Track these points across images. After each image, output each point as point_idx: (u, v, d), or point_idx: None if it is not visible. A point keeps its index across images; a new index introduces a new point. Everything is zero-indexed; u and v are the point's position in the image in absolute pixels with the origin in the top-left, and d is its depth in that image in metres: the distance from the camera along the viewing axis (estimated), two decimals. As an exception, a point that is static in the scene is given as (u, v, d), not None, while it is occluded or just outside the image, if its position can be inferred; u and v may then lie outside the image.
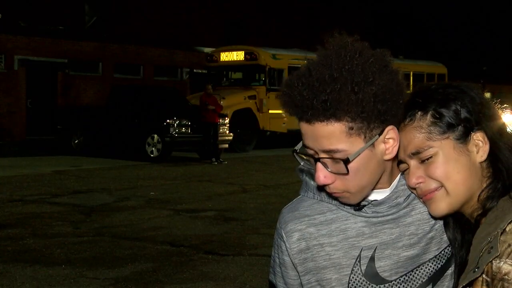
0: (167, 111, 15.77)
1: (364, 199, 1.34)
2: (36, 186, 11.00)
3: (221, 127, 16.11)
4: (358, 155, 1.24)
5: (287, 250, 1.41)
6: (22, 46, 21.68)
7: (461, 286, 1.21)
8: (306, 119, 1.24)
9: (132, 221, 8.09)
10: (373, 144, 1.26)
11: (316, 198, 1.41)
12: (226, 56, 20.46)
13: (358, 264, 1.36)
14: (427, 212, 1.36)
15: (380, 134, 1.26)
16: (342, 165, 1.24)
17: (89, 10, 24.79)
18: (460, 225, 1.34)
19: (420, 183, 1.28)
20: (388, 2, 36.14)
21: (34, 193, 10.19)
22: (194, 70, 25.99)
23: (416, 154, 1.28)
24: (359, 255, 1.36)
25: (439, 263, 1.37)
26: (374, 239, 1.36)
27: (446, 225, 1.36)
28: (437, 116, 1.27)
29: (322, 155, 1.25)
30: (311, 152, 1.27)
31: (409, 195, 1.36)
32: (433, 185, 1.27)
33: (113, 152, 16.43)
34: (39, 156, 16.39)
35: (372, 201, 1.35)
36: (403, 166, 1.32)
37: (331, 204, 1.39)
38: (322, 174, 1.26)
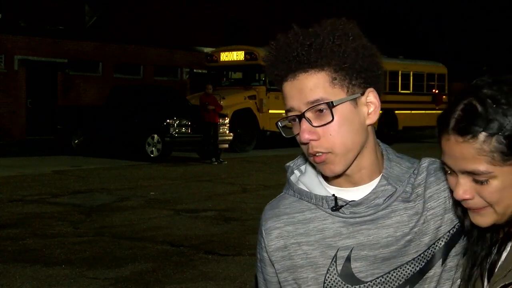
0: (167, 111, 15.77)
1: (340, 175, 1.32)
2: (36, 186, 11.00)
3: (221, 127, 16.11)
4: (343, 102, 1.27)
5: (265, 247, 1.42)
6: (22, 46, 21.69)
7: (501, 284, 1.18)
8: (291, 72, 1.27)
9: (132, 221, 8.09)
10: (356, 103, 1.29)
11: (296, 196, 1.40)
12: (226, 56, 20.46)
13: (334, 264, 1.35)
14: (407, 215, 1.35)
15: (362, 94, 1.30)
16: (326, 114, 1.26)
17: (89, 10, 24.79)
18: None
19: (468, 199, 1.20)
20: (388, 2, 36.14)
21: (34, 193, 10.19)
22: (194, 70, 26.01)
23: (470, 174, 1.18)
24: (336, 255, 1.35)
25: (417, 266, 1.35)
26: (351, 239, 1.35)
27: (464, 214, 1.32)
28: (504, 142, 1.14)
29: (306, 108, 1.26)
30: (295, 113, 1.29)
31: (389, 196, 1.35)
32: (482, 204, 1.20)
33: (113, 152, 16.43)
34: (39, 156, 16.39)
35: (350, 201, 1.34)
36: (445, 166, 1.24)
37: (311, 203, 1.38)
38: (307, 129, 1.27)
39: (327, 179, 1.37)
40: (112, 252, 6.50)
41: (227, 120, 16.84)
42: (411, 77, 24.06)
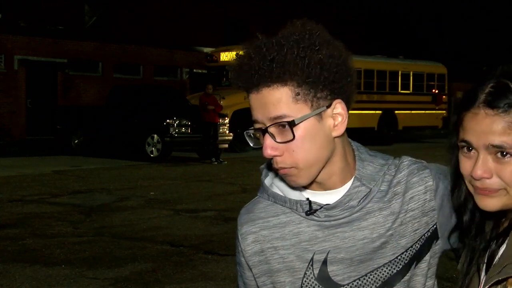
0: (167, 111, 15.77)
1: (312, 182, 1.31)
2: (36, 186, 11.00)
3: (221, 127, 16.10)
4: (304, 119, 1.24)
5: (242, 251, 1.42)
6: (22, 46, 21.69)
7: (495, 280, 1.19)
8: (254, 86, 1.25)
9: (132, 221, 8.09)
10: (321, 116, 1.26)
11: (271, 200, 1.39)
12: (226, 56, 20.46)
13: (311, 267, 1.35)
14: (382, 216, 1.34)
15: (328, 107, 1.26)
16: (288, 131, 1.23)
17: (89, 10, 24.79)
18: (483, 213, 1.30)
19: (486, 178, 1.20)
20: (388, 2, 36.15)
21: (34, 193, 10.19)
22: (194, 70, 26.00)
23: (497, 147, 1.18)
24: (312, 259, 1.35)
25: (394, 268, 1.34)
26: (327, 243, 1.34)
27: (463, 209, 1.32)
28: None
29: (270, 123, 1.25)
30: (259, 126, 1.27)
31: (363, 198, 1.33)
32: (497, 185, 1.20)
33: (113, 152, 16.43)
34: (39, 156, 16.39)
35: (324, 205, 1.33)
36: (463, 144, 1.23)
37: (285, 206, 1.37)
38: (270, 145, 1.25)
39: None
40: (112, 252, 6.50)
41: (227, 120, 16.84)
42: (411, 77, 24.05)
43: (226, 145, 16.52)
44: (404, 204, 1.35)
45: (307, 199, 1.34)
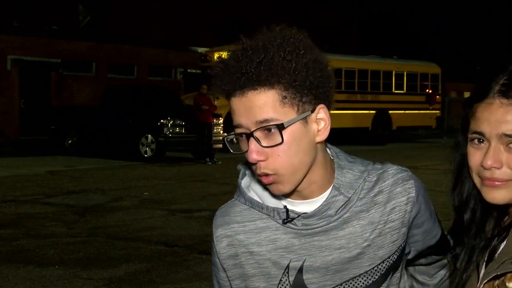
0: (161, 111, 15.75)
1: (294, 190, 1.30)
2: (29, 186, 10.97)
3: (215, 127, 16.10)
4: (293, 123, 1.23)
5: (217, 253, 1.41)
6: (15, 46, 21.63)
7: (493, 275, 1.19)
8: (240, 89, 1.23)
9: (126, 221, 8.08)
10: (306, 121, 1.26)
11: (247, 204, 1.38)
12: (220, 56, 20.44)
13: (287, 275, 1.34)
14: (360, 225, 1.33)
15: (312, 112, 1.26)
16: (276, 135, 1.22)
17: (83, 10, 24.74)
18: (484, 214, 1.31)
19: (496, 168, 1.21)
20: (382, 2, 36.22)
21: (27, 194, 10.16)
22: (188, 70, 25.98)
23: (510, 137, 1.20)
24: (288, 266, 1.34)
25: (370, 279, 1.34)
26: (304, 251, 1.34)
27: (464, 208, 1.32)
28: None
29: (255, 127, 1.22)
30: (243, 130, 1.25)
31: (341, 207, 1.32)
32: (507, 176, 1.21)
33: (107, 152, 16.40)
34: (33, 156, 16.34)
35: (302, 213, 1.32)
36: (474, 136, 1.24)
37: (262, 212, 1.36)
38: (256, 150, 1.23)
39: None
40: (106, 252, 6.49)
41: (221, 120, 16.83)
42: (405, 77, 24.10)
43: (221, 145, 16.49)
44: (384, 214, 1.34)
45: (285, 207, 1.33)
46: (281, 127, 1.22)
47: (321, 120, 1.28)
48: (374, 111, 22.56)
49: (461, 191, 1.32)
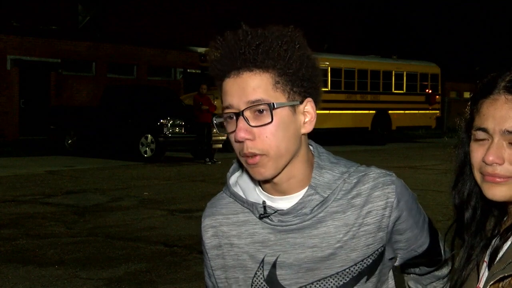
0: (161, 111, 15.75)
1: (274, 182, 1.32)
2: (29, 186, 10.97)
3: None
4: (283, 106, 1.27)
5: (204, 243, 1.47)
6: (15, 46, 21.63)
7: (499, 276, 1.19)
8: (236, 69, 1.27)
9: (126, 221, 8.08)
10: (294, 110, 1.30)
11: (232, 198, 1.43)
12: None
13: (261, 269, 1.37)
14: (334, 226, 1.34)
15: (301, 103, 1.31)
16: (265, 116, 1.26)
17: (83, 9, 24.73)
18: (484, 212, 1.31)
19: (497, 164, 1.21)
20: (382, 2, 36.22)
21: (27, 193, 10.16)
22: (188, 70, 25.98)
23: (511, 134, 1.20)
24: (263, 261, 1.37)
25: (341, 280, 1.35)
26: (278, 246, 1.36)
27: (465, 206, 1.32)
28: None
29: (245, 107, 1.26)
30: (233, 110, 1.28)
31: (317, 206, 1.34)
32: (508, 173, 1.21)
33: (107, 152, 16.40)
34: (32, 156, 16.34)
35: (278, 210, 1.34)
36: (478, 132, 1.24)
37: (243, 206, 1.40)
38: (244, 128, 1.26)
39: (261, 184, 1.37)
40: (106, 252, 6.49)
41: (221, 120, 16.82)
42: (405, 77, 24.10)
43: (220, 145, 16.51)
44: (359, 217, 1.34)
45: (263, 202, 1.35)
46: (271, 107, 1.26)
47: (307, 113, 1.33)
48: (373, 111, 22.55)
49: (462, 189, 1.32)
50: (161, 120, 15.40)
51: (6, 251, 6.49)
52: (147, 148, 15.60)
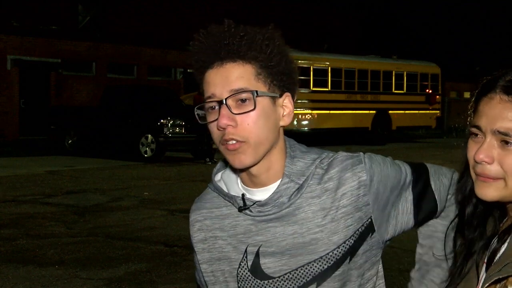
0: (161, 111, 15.75)
1: (255, 165, 1.35)
2: (29, 186, 10.97)
3: (215, 127, 16.09)
4: (264, 96, 1.32)
5: (191, 237, 1.51)
6: (15, 46, 21.63)
7: (495, 278, 1.19)
8: (219, 59, 1.31)
9: (126, 221, 8.08)
10: (274, 102, 1.35)
11: (216, 192, 1.47)
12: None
13: (245, 259, 1.42)
14: (312, 211, 1.37)
15: (280, 96, 1.36)
16: (248, 104, 1.30)
17: (83, 10, 24.74)
18: (485, 210, 1.31)
19: (486, 162, 1.21)
20: (382, 2, 36.22)
21: (27, 193, 10.16)
22: (188, 70, 25.97)
23: (503, 134, 1.19)
24: (246, 251, 1.41)
25: (325, 264, 1.37)
26: (260, 236, 1.40)
27: (467, 201, 1.33)
28: None
29: (229, 95, 1.30)
30: (215, 99, 1.32)
31: (293, 194, 1.37)
32: (496, 174, 1.21)
33: (107, 152, 16.40)
34: (32, 156, 16.34)
35: (257, 201, 1.38)
36: (474, 130, 1.24)
37: (225, 199, 1.44)
38: (226, 115, 1.29)
39: (242, 178, 1.41)
40: (106, 252, 6.49)
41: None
42: (405, 77, 24.11)
43: (220, 145, 16.51)
44: (335, 200, 1.37)
45: (243, 195, 1.40)
46: (254, 94, 1.30)
47: (285, 107, 1.38)
48: (374, 111, 22.55)
49: (464, 185, 1.33)
50: (161, 120, 15.40)
51: (6, 251, 6.49)
52: (147, 148, 15.60)
